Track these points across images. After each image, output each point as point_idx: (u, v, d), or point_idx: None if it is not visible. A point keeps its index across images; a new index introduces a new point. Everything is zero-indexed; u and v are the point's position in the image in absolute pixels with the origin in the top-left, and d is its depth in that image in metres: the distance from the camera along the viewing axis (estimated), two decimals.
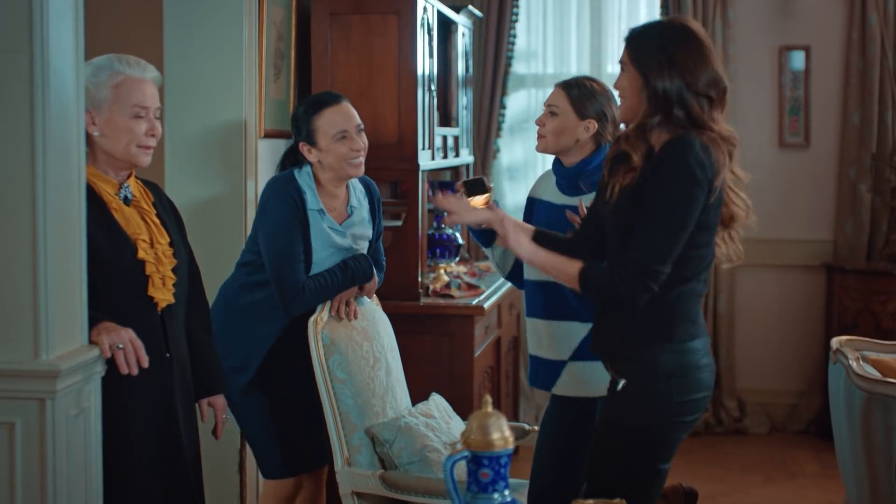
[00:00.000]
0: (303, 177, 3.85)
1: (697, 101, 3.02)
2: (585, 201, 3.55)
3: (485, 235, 3.73)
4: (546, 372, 3.70)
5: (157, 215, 3.10)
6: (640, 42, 3.09)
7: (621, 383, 3.08)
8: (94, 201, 2.95)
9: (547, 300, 3.66)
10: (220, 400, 3.33)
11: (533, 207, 3.82)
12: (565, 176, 3.70)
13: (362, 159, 3.86)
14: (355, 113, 3.90)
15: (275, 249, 3.78)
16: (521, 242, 3.19)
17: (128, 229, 2.99)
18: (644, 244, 2.96)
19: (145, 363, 2.86)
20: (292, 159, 3.95)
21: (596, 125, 3.64)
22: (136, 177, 3.13)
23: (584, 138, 3.64)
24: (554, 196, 3.72)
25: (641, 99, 3.05)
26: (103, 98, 2.98)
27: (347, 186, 3.96)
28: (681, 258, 3.00)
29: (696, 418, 3.12)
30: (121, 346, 2.81)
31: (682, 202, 2.95)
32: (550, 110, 3.67)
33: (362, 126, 3.90)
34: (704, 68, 3.03)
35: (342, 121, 3.84)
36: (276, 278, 3.78)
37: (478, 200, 3.46)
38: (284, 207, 3.78)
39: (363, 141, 3.87)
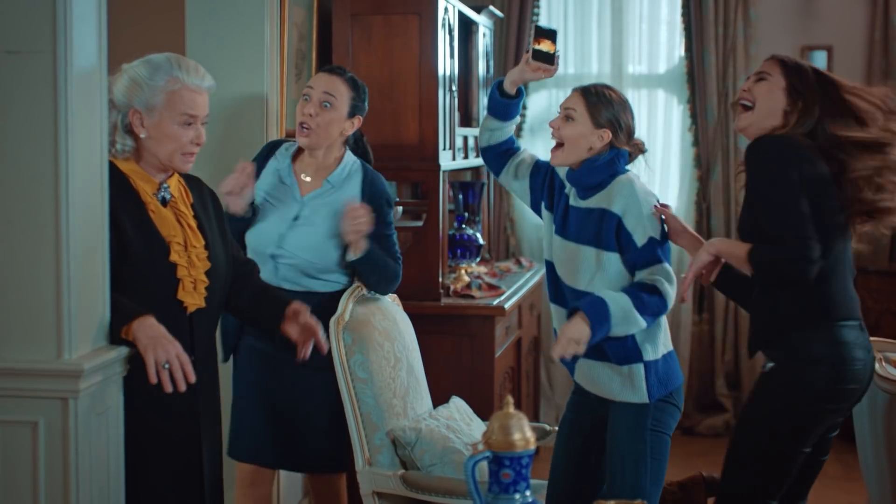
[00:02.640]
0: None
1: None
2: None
3: (510, 107, 3.76)
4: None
5: (195, 216, 3.10)
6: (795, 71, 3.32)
7: (769, 365, 3.20)
8: (133, 199, 2.96)
9: (565, 290, 3.63)
10: (297, 305, 3.28)
11: (553, 177, 3.75)
12: (573, 180, 3.63)
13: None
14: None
15: None
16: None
17: (162, 230, 2.99)
18: (775, 231, 3.11)
19: (192, 378, 2.83)
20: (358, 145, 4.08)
21: (610, 135, 3.59)
22: (178, 175, 3.13)
23: (597, 147, 3.57)
24: (574, 199, 3.68)
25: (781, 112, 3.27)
26: (157, 103, 2.97)
27: (339, 160, 3.96)
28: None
29: (843, 408, 3.22)
30: (167, 365, 2.78)
31: (779, 177, 3.13)
32: (567, 114, 3.61)
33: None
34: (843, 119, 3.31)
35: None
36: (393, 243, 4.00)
37: (546, 44, 3.60)
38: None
39: None
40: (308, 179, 3.93)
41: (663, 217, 3.52)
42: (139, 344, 2.78)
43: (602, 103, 3.57)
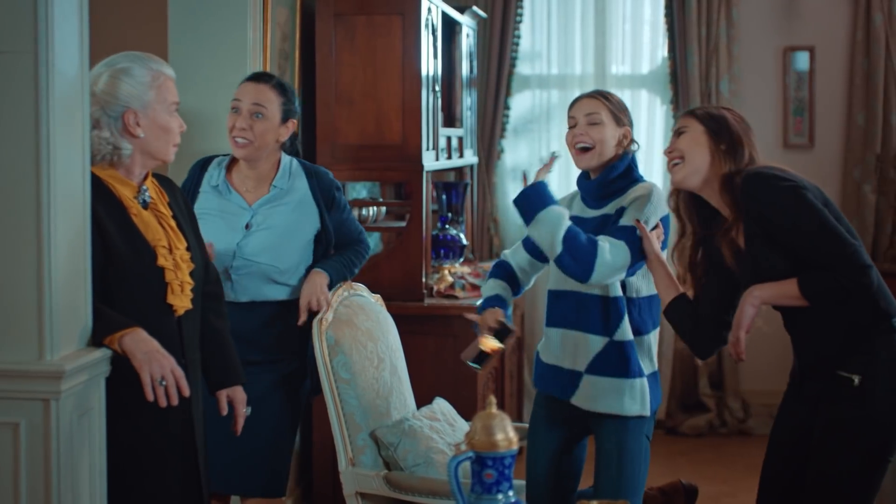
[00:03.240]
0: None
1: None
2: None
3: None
4: (563, 381, 3.63)
5: (174, 216, 3.10)
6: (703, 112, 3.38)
7: (856, 379, 3.14)
8: (115, 204, 2.95)
9: (569, 310, 3.63)
10: (238, 392, 3.25)
11: None
12: (590, 188, 3.63)
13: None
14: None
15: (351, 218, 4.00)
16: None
17: (147, 234, 2.98)
18: (823, 257, 3.12)
19: (187, 392, 2.83)
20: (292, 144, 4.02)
21: (630, 133, 3.62)
22: (151, 175, 3.13)
23: (623, 146, 3.61)
24: (581, 210, 3.67)
25: (709, 154, 3.30)
26: (149, 99, 2.98)
27: (277, 164, 3.92)
28: None
29: None
30: (163, 382, 2.78)
31: (802, 203, 3.14)
32: (592, 119, 3.58)
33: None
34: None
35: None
36: (361, 237, 4.03)
37: (492, 343, 3.59)
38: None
39: None
40: (249, 191, 3.88)
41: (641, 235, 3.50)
42: (134, 359, 2.77)
43: (615, 102, 3.64)
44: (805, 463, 3.22)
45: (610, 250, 3.39)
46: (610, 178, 3.58)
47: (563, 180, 7.00)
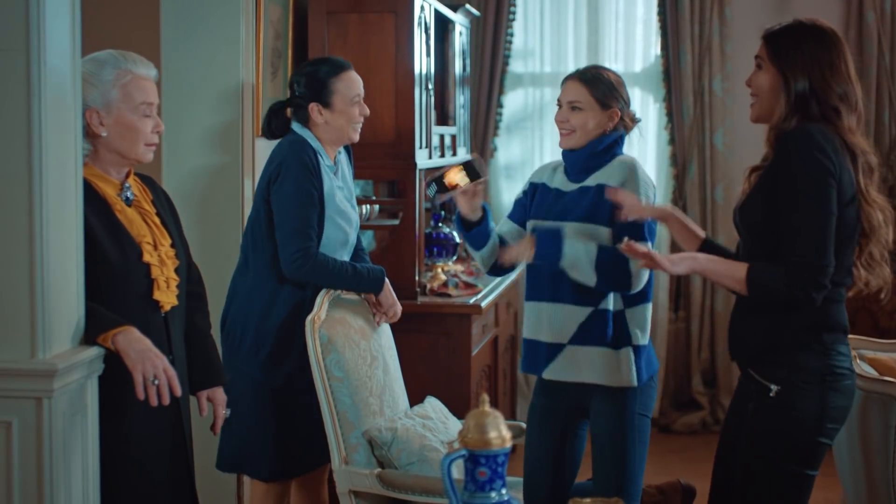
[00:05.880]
0: (308, 135, 3.94)
1: (833, 106, 3.03)
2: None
3: (477, 236, 3.73)
4: (541, 355, 3.65)
5: (158, 214, 3.10)
6: (783, 41, 3.14)
7: (774, 389, 3.05)
8: (98, 202, 2.94)
9: (550, 283, 3.64)
10: (219, 393, 3.26)
11: (535, 193, 3.79)
12: (574, 161, 3.67)
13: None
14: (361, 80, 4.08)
15: (292, 212, 3.82)
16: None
17: (132, 231, 2.98)
18: (800, 244, 2.94)
19: (178, 392, 2.83)
20: (280, 120, 4.01)
21: (619, 114, 3.65)
22: (133, 173, 3.12)
23: (609, 128, 3.65)
24: (562, 184, 3.70)
25: (779, 99, 3.06)
26: (112, 98, 2.96)
27: None
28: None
29: (840, 428, 3.10)
30: (156, 381, 2.78)
31: (818, 192, 2.94)
32: (574, 105, 3.65)
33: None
34: (839, 73, 3.06)
35: (358, 85, 4.02)
36: (286, 239, 3.82)
37: (456, 178, 3.65)
38: (303, 171, 3.84)
39: None
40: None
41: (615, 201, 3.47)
42: (127, 358, 2.77)
43: (604, 86, 3.64)
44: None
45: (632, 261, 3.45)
46: (593, 153, 3.64)
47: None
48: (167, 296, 3.02)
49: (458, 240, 5.67)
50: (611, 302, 3.57)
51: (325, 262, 3.83)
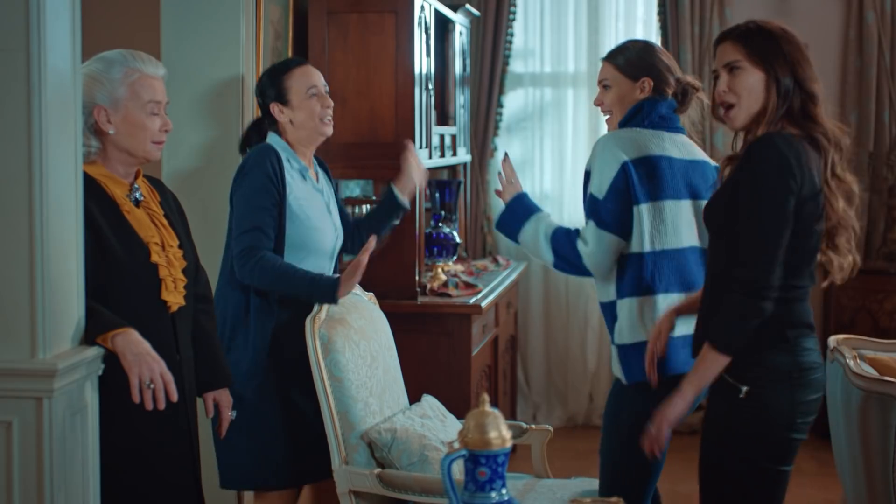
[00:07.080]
0: (277, 141, 3.91)
1: (806, 98, 3.11)
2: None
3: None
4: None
5: (166, 216, 3.10)
6: (757, 41, 3.15)
7: (744, 389, 3.06)
8: (107, 202, 2.95)
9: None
10: (225, 395, 3.27)
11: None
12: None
13: (331, 118, 3.97)
14: (321, 74, 4.02)
15: (243, 214, 3.76)
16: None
17: (140, 232, 2.99)
18: (746, 262, 2.95)
19: (174, 397, 2.83)
20: (256, 133, 4.00)
21: (651, 81, 3.63)
22: (142, 175, 3.13)
23: (639, 99, 3.64)
24: None
25: (770, 98, 3.08)
26: (120, 96, 2.98)
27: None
28: (786, 265, 2.98)
29: (812, 420, 3.11)
30: (151, 385, 2.78)
31: (772, 211, 2.94)
32: (603, 84, 3.68)
33: (328, 88, 4.02)
34: (806, 59, 3.13)
35: (313, 78, 3.96)
36: (235, 241, 3.76)
37: None
38: (261, 175, 3.78)
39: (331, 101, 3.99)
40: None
41: None
42: (124, 360, 2.78)
43: (629, 58, 3.65)
44: None
45: (586, 234, 3.47)
46: (620, 126, 3.64)
47: (556, 173, 7.01)
48: (175, 296, 3.03)
49: (457, 240, 5.67)
50: (606, 293, 3.56)
51: (272, 263, 3.70)
